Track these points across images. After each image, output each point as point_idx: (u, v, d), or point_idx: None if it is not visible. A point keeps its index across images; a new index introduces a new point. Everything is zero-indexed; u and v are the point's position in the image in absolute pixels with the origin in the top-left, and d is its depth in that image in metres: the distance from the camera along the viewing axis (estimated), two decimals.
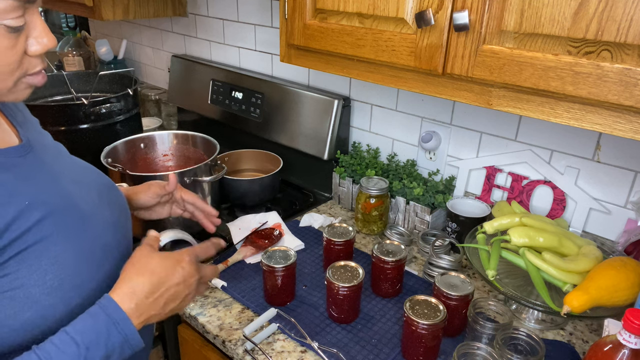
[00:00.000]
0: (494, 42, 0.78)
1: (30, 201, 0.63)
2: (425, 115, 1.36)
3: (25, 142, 0.69)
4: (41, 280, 0.62)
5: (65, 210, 0.67)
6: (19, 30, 0.57)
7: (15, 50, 0.58)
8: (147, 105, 2.20)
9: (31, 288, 0.61)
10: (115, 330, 0.63)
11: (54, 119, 1.44)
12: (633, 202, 1.07)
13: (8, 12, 0.54)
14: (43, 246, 0.62)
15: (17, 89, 0.62)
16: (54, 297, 0.63)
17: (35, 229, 0.62)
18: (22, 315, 0.60)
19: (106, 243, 0.72)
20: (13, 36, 0.57)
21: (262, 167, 1.61)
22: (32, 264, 0.61)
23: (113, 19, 1.68)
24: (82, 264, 0.66)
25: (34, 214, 0.62)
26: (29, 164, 0.67)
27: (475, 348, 0.83)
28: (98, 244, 0.70)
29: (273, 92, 1.61)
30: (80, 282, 0.66)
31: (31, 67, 0.62)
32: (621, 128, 0.70)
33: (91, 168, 0.82)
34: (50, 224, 0.64)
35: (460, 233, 1.23)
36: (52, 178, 0.69)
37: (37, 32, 0.60)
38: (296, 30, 1.07)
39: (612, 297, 0.87)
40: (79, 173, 0.77)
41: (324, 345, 0.95)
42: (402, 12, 0.87)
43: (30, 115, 0.78)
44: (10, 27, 0.55)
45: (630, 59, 0.66)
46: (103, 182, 0.81)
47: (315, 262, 1.22)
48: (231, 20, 1.79)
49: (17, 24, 0.56)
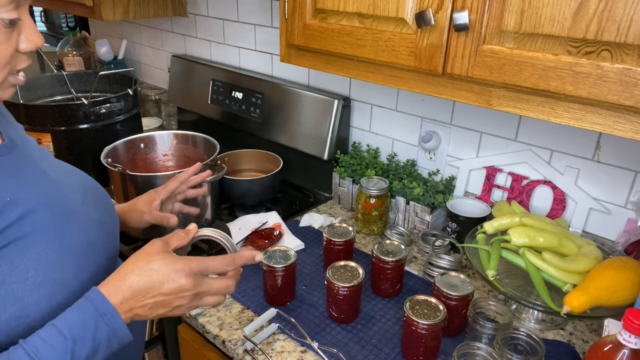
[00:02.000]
0: (494, 42, 0.78)
1: (12, 198, 0.63)
2: (425, 115, 1.36)
3: (7, 141, 0.69)
4: (23, 276, 0.61)
5: (48, 207, 0.67)
6: (14, 25, 0.58)
7: (8, 45, 0.59)
8: (147, 105, 2.20)
9: (13, 285, 0.61)
10: (103, 322, 0.63)
11: (54, 119, 1.44)
12: (633, 202, 1.07)
13: (3, 6, 0.56)
14: (24, 243, 0.62)
15: (2, 86, 0.62)
16: (37, 294, 0.63)
17: (17, 226, 0.62)
18: (4, 312, 0.60)
19: (91, 241, 0.72)
20: (7, 31, 0.58)
21: (262, 167, 1.61)
22: (14, 260, 0.61)
23: (113, 19, 1.69)
24: (66, 261, 0.66)
25: (15, 210, 0.62)
26: (11, 161, 0.68)
27: (475, 348, 0.83)
28: (82, 242, 0.70)
29: (273, 92, 1.61)
30: (64, 279, 0.66)
31: (19, 64, 0.63)
32: (621, 128, 0.70)
33: (76, 170, 0.81)
34: (32, 220, 0.64)
35: (460, 233, 1.23)
36: (35, 176, 0.70)
37: (28, 31, 0.61)
38: (296, 30, 1.07)
39: (612, 297, 0.87)
40: (63, 174, 0.76)
41: (324, 345, 0.95)
42: (402, 12, 0.87)
43: (15, 121, 0.79)
44: (5, 20, 0.57)
45: (630, 59, 0.66)
46: (88, 183, 0.81)
47: (315, 262, 1.22)
48: (231, 20, 1.79)
49: (11, 16, 0.57)
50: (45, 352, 0.58)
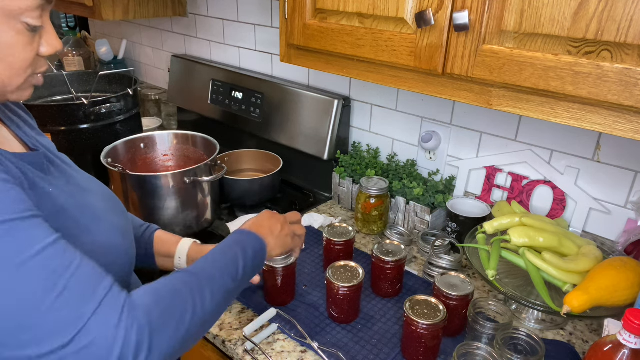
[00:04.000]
0: (494, 42, 0.78)
1: (51, 192, 0.65)
2: (425, 115, 1.36)
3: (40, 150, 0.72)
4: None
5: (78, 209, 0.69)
6: (36, 30, 0.61)
7: (31, 48, 0.61)
8: (147, 105, 2.20)
9: None
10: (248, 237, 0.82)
11: (54, 119, 1.44)
12: (633, 202, 1.07)
13: (30, 11, 0.59)
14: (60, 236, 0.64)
15: (23, 87, 0.65)
16: None
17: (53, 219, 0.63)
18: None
19: (116, 244, 0.74)
20: (31, 35, 0.61)
21: (262, 167, 1.61)
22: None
23: (113, 19, 1.68)
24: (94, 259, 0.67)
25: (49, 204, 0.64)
26: (52, 170, 0.71)
27: (475, 348, 0.83)
28: (109, 243, 0.72)
29: (273, 92, 1.61)
30: None
31: (39, 67, 0.65)
32: (621, 128, 0.70)
33: (95, 179, 0.84)
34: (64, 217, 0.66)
35: (460, 233, 1.23)
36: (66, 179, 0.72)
37: (48, 35, 0.64)
38: (296, 30, 1.07)
39: (612, 297, 0.87)
40: (86, 181, 0.79)
41: (324, 345, 0.95)
42: (402, 12, 0.87)
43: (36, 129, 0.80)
44: (30, 25, 0.59)
45: (630, 59, 0.66)
46: (105, 191, 0.83)
47: (315, 262, 1.22)
48: (231, 20, 1.79)
49: (36, 23, 0.60)
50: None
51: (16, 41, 0.59)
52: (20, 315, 0.52)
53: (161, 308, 0.61)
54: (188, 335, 0.64)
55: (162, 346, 0.59)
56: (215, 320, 0.72)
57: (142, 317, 0.58)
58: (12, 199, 0.55)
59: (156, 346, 0.58)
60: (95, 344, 0.54)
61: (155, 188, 1.24)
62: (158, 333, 0.59)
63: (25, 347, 0.52)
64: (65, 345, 0.53)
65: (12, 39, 0.58)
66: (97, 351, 0.54)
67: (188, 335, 0.64)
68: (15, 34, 0.58)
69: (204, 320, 0.67)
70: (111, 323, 0.55)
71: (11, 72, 0.60)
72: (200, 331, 0.68)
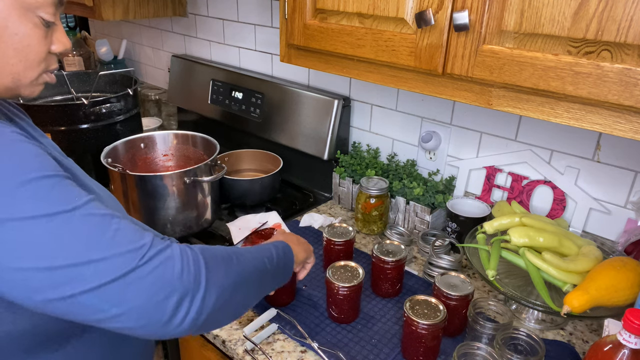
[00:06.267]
0: (494, 42, 0.78)
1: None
2: (425, 115, 1.36)
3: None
4: None
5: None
6: (50, 26, 0.63)
7: (45, 43, 0.63)
8: (147, 105, 2.20)
9: None
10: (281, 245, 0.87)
11: (54, 119, 1.44)
12: (633, 202, 1.07)
13: (46, 6, 0.61)
14: None
15: (36, 82, 0.66)
16: None
17: None
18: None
19: None
20: (44, 30, 0.62)
21: (262, 167, 1.61)
22: None
23: (113, 19, 1.68)
24: None
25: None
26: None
27: (475, 348, 0.83)
28: None
29: (273, 92, 1.61)
30: None
31: (51, 64, 0.67)
32: (621, 128, 0.70)
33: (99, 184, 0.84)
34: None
35: (460, 233, 1.23)
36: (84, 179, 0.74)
37: (59, 34, 0.66)
38: (296, 30, 1.07)
39: (612, 297, 0.87)
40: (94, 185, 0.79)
41: (323, 345, 0.95)
42: (402, 12, 0.87)
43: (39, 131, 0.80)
44: (44, 20, 0.61)
45: (630, 59, 0.66)
46: (111, 198, 0.84)
47: (315, 262, 1.22)
48: (231, 20, 1.79)
49: (50, 18, 0.62)
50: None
51: (33, 33, 0.61)
52: (85, 252, 0.55)
53: (210, 252, 0.67)
54: (236, 286, 0.68)
55: (218, 278, 0.64)
56: (256, 294, 0.77)
57: (196, 250, 0.64)
58: (50, 161, 0.58)
59: (212, 276, 0.63)
60: (159, 267, 0.59)
61: (155, 188, 1.24)
62: (211, 268, 0.64)
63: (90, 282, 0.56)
64: (132, 270, 0.57)
65: (30, 31, 0.60)
66: (163, 272, 0.59)
67: (235, 286, 0.68)
68: (33, 26, 0.60)
69: (248, 280, 0.72)
70: (167, 251, 0.61)
71: (26, 64, 0.62)
72: (245, 293, 0.71)
